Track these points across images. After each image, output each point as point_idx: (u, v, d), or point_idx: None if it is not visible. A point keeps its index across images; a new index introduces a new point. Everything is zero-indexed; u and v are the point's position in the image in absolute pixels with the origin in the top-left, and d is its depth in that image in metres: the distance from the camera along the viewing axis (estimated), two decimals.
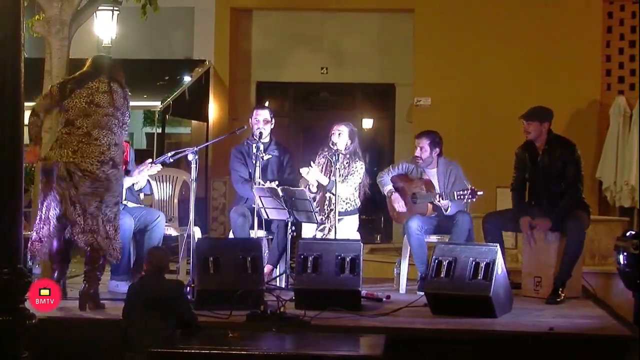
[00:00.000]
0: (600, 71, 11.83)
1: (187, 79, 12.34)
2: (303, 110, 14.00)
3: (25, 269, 4.27)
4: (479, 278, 6.17)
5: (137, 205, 7.45)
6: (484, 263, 6.20)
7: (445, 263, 6.30)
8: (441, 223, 7.35)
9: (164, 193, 8.14)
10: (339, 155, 7.33)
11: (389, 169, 7.72)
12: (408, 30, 12.55)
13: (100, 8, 10.57)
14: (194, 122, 13.63)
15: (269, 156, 7.61)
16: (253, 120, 7.69)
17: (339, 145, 7.46)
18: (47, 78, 7.81)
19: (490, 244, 6.58)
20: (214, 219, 12.44)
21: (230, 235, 7.59)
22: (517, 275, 7.30)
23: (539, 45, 11.73)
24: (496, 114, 11.28)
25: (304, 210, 7.02)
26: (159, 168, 7.44)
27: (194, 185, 6.99)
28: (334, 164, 7.29)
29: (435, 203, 7.29)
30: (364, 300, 6.56)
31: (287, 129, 13.24)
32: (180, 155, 7.32)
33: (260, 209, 7.17)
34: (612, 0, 11.91)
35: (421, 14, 12.25)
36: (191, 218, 7.01)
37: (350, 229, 7.55)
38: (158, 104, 11.65)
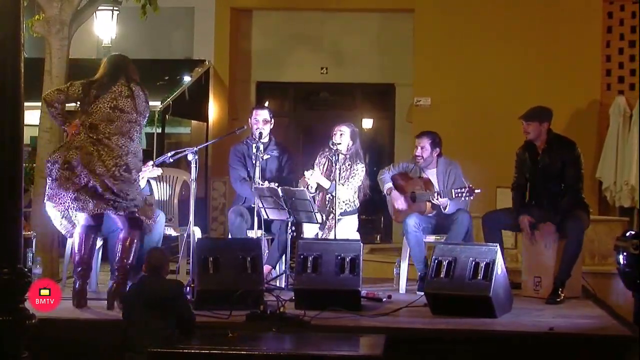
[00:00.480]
0: (600, 71, 11.80)
1: (187, 79, 12.31)
2: (303, 110, 13.97)
3: (25, 269, 4.26)
4: (479, 278, 6.18)
5: None
6: (484, 263, 6.20)
7: (445, 263, 6.30)
8: (440, 222, 7.35)
9: (163, 193, 8.13)
10: (340, 155, 7.34)
11: (390, 167, 7.74)
12: (408, 30, 12.53)
13: (100, 8, 10.58)
14: (194, 122, 13.60)
15: (268, 156, 7.61)
16: (252, 120, 7.69)
17: (340, 146, 7.47)
18: (47, 78, 7.81)
19: (490, 244, 6.58)
20: (214, 219, 12.41)
21: (229, 236, 7.59)
22: (517, 275, 7.30)
23: (539, 45, 11.71)
24: (496, 114, 11.26)
25: (305, 211, 7.02)
26: (159, 171, 7.44)
27: (193, 185, 6.99)
28: (335, 164, 7.29)
29: (434, 201, 7.29)
30: (364, 300, 6.56)
31: (287, 129, 13.21)
32: (180, 155, 7.32)
33: (260, 208, 7.18)
34: (612, 0, 11.89)
35: (421, 14, 12.23)
36: (191, 218, 7.01)
37: (349, 229, 7.55)
38: (158, 104, 11.62)
